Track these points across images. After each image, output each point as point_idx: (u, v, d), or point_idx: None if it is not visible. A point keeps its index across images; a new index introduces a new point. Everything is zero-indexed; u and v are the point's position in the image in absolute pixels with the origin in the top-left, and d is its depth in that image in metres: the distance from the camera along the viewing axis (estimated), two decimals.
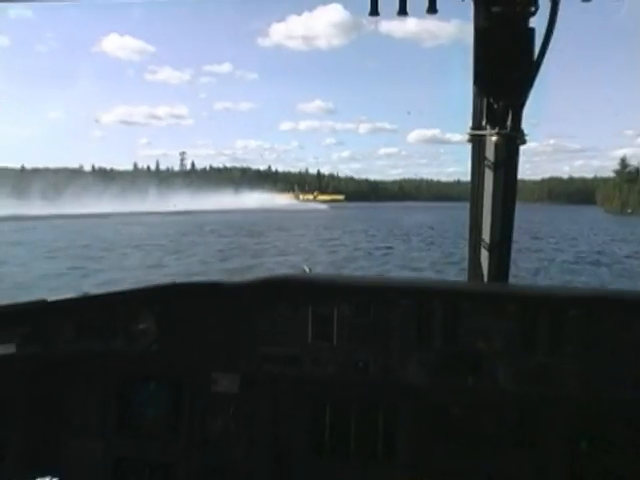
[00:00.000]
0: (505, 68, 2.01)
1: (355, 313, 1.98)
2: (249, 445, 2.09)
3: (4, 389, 2.09)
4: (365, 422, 2.04)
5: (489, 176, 2.30)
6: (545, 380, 1.88)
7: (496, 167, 2.27)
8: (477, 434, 1.97)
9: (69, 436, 2.14)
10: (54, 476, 1.78)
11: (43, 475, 1.77)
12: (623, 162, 71.01)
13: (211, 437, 2.12)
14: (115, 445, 2.12)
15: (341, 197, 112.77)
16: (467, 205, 2.42)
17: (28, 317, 2.05)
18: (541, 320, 1.88)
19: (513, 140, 2.22)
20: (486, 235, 2.32)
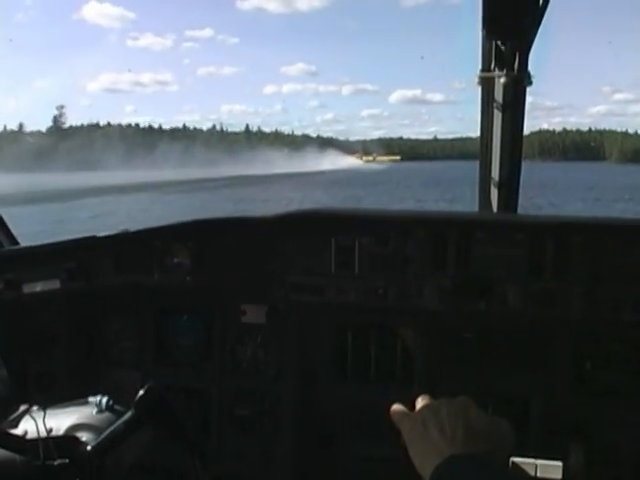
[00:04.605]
0: (512, 10, 2.09)
1: (375, 244, 2.09)
2: (277, 371, 2.25)
3: (50, 322, 2.24)
4: (384, 346, 2.18)
5: (497, 117, 2.40)
6: (551, 303, 1.99)
7: (504, 108, 2.37)
8: (488, 355, 2.10)
9: (109, 366, 2.31)
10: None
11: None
12: None
13: (241, 364, 2.28)
14: (151, 373, 2.26)
15: (397, 157, 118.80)
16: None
17: (74, 253, 2.19)
18: (547, 246, 1.98)
19: (520, 81, 2.32)
20: (495, 173, 2.43)
